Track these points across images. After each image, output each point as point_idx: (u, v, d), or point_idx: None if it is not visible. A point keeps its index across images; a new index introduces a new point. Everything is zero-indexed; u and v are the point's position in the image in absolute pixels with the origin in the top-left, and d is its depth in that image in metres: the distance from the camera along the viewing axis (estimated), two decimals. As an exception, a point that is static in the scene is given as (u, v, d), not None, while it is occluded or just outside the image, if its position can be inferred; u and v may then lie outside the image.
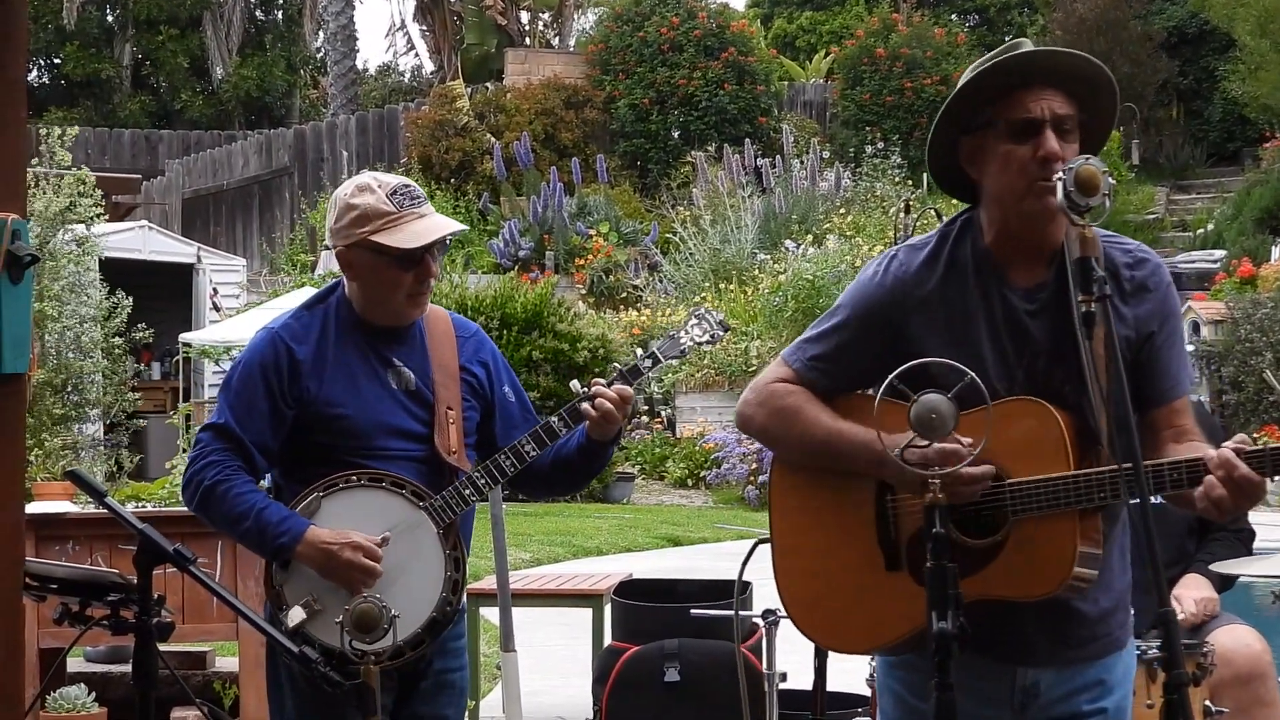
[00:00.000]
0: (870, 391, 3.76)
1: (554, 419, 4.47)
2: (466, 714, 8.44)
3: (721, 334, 4.65)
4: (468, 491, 4.44)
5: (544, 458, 4.52)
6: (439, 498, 4.42)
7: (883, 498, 3.77)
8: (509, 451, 4.47)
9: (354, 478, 4.40)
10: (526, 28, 38.68)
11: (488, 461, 4.50)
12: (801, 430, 3.83)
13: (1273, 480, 3.53)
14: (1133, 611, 5.37)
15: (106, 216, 16.00)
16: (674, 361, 5.37)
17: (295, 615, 4.32)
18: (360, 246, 4.45)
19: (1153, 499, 5.51)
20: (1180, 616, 5.60)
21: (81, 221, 15.04)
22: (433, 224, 4.47)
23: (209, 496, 4.37)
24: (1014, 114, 3.66)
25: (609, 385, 4.47)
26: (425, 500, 4.41)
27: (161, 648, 3.73)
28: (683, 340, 4.63)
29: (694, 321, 4.65)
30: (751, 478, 19.61)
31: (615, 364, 4.63)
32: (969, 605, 3.55)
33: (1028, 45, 3.73)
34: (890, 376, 3.56)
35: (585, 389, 4.48)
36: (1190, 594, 5.79)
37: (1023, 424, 3.61)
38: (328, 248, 4.69)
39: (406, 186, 4.50)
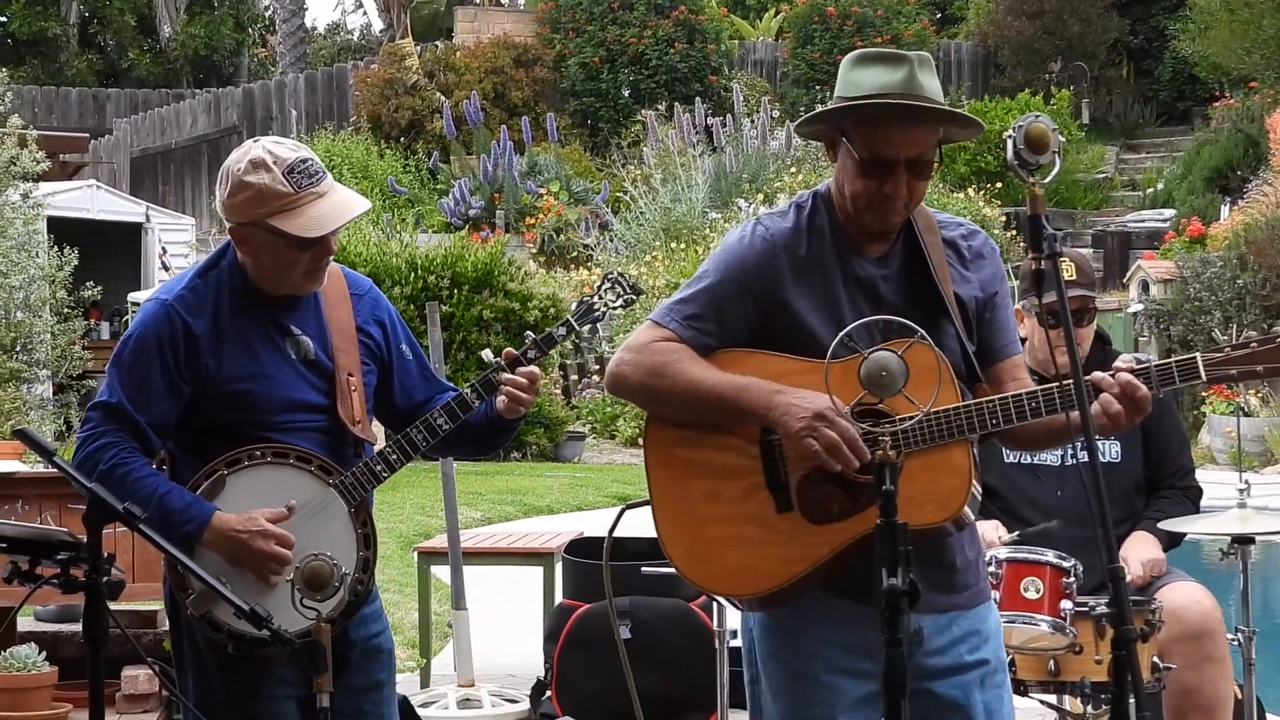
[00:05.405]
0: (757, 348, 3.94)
1: (467, 390, 4.40)
2: (419, 671, 8.49)
3: (634, 297, 4.60)
4: (379, 468, 4.35)
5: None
6: (349, 475, 4.31)
7: (768, 442, 3.88)
8: (421, 425, 4.38)
9: (258, 453, 4.26)
10: (476, -15, 38.51)
11: (399, 436, 4.39)
12: (687, 383, 3.90)
13: (1159, 393, 3.85)
14: (1081, 568, 5.43)
15: (49, 166, 15.79)
16: (586, 329, 5.34)
17: (202, 599, 4.20)
18: (255, 226, 4.25)
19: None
20: (1127, 579, 5.62)
21: (28, 178, 14.91)
22: (333, 207, 4.26)
23: (105, 481, 4.02)
24: (872, 149, 3.86)
25: (522, 355, 4.42)
26: (334, 476, 4.30)
27: (112, 606, 3.71)
28: (596, 306, 4.59)
29: (607, 286, 4.60)
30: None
31: (529, 333, 4.60)
32: (845, 551, 3.78)
33: (914, 65, 3.84)
34: (842, 334, 3.73)
35: (499, 360, 4.43)
36: (1137, 555, 5.81)
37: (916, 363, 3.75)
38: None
39: (304, 163, 4.25)
